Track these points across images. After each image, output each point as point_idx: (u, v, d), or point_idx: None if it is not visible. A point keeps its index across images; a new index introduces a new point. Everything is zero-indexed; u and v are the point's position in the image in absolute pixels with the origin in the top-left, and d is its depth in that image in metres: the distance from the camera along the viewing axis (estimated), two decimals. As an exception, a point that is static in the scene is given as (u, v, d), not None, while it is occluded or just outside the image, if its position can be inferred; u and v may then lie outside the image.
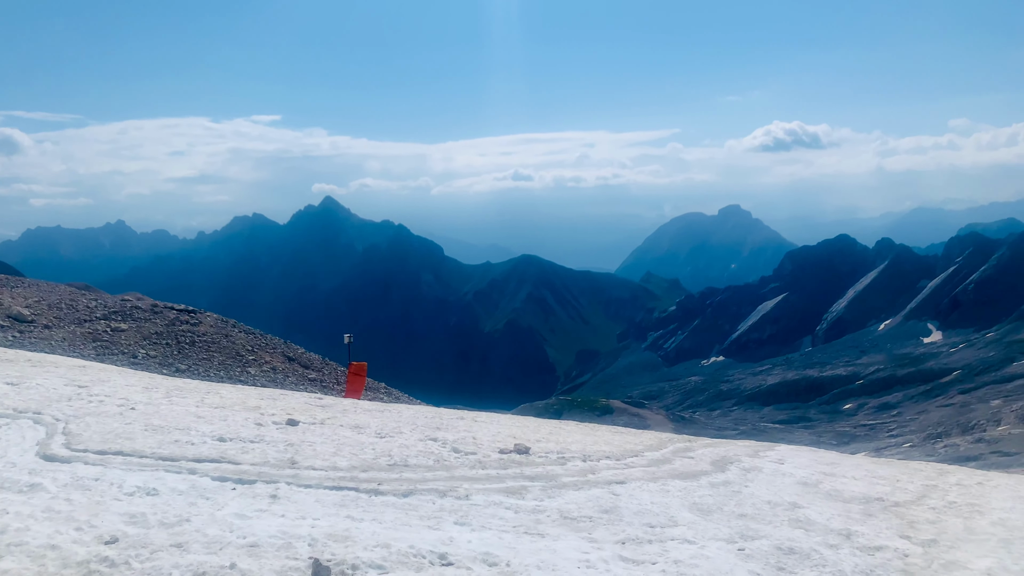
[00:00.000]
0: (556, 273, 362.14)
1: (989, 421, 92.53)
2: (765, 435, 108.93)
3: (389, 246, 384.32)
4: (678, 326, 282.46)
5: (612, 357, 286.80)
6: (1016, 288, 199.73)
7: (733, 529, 7.93)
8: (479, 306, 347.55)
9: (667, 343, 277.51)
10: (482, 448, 11.19)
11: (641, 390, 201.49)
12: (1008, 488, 11.38)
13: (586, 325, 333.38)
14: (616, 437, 14.62)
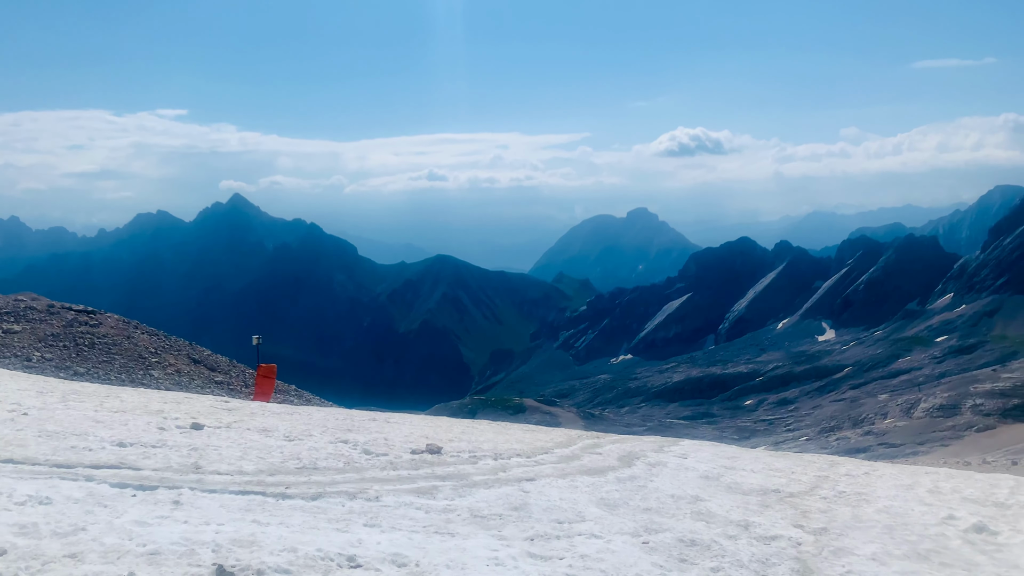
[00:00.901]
0: (471, 273, 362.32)
1: (877, 414, 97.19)
2: (671, 431, 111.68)
3: (301, 245, 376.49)
4: (589, 325, 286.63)
5: (525, 356, 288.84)
6: (901, 288, 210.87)
7: (638, 523, 8.10)
8: (393, 306, 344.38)
9: (578, 342, 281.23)
10: (394, 449, 11.10)
11: (553, 388, 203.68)
12: (892, 477, 12.01)
13: (500, 325, 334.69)
14: (527, 435, 14.74)
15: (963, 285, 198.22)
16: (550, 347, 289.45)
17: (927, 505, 9.98)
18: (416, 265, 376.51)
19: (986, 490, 11.02)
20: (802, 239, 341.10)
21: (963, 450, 66.17)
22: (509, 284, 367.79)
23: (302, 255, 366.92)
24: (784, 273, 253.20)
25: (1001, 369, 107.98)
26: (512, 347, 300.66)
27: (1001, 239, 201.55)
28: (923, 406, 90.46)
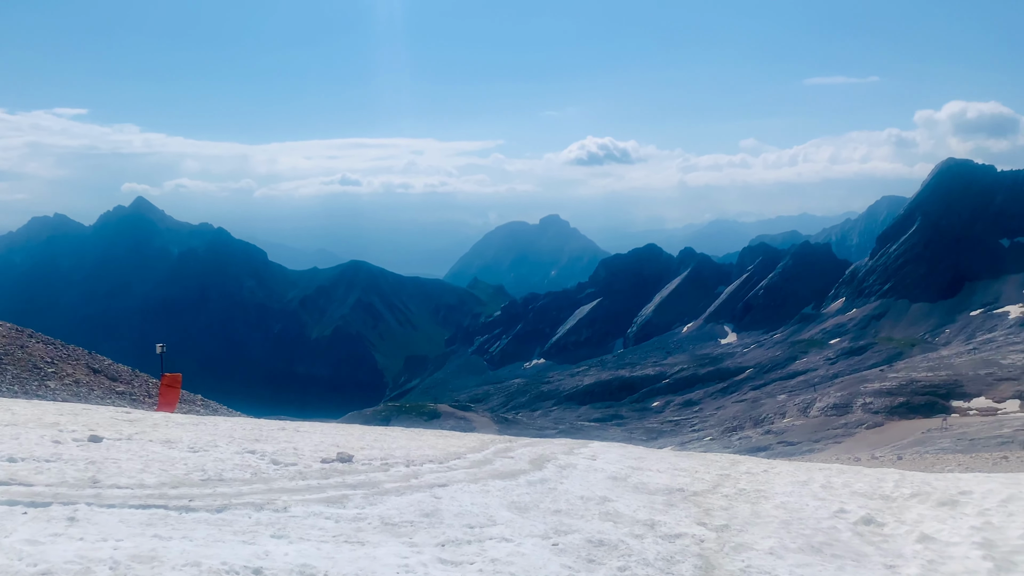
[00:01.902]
0: (385, 279, 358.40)
1: (776, 414, 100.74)
2: (581, 433, 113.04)
3: (208, 250, 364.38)
4: (503, 330, 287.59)
5: (440, 362, 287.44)
6: (798, 293, 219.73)
7: (548, 525, 8.16)
8: (305, 313, 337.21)
9: (492, 347, 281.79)
10: (303, 458, 10.86)
11: (468, 393, 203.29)
12: (789, 474, 12.47)
13: (415, 331, 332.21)
14: (440, 441, 14.66)
15: (853, 290, 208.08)
16: (465, 352, 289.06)
17: (820, 500, 10.40)
18: (329, 271, 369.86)
19: (874, 484, 11.55)
20: (705, 246, 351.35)
21: (854, 446, 69.33)
22: (424, 290, 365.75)
23: (209, 261, 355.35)
24: (689, 279, 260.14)
25: (888, 369, 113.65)
26: (427, 353, 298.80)
27: (887, 247, 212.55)
28: (818, 405, 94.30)
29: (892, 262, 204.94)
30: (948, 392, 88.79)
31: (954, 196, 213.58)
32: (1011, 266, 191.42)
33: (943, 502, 10.14)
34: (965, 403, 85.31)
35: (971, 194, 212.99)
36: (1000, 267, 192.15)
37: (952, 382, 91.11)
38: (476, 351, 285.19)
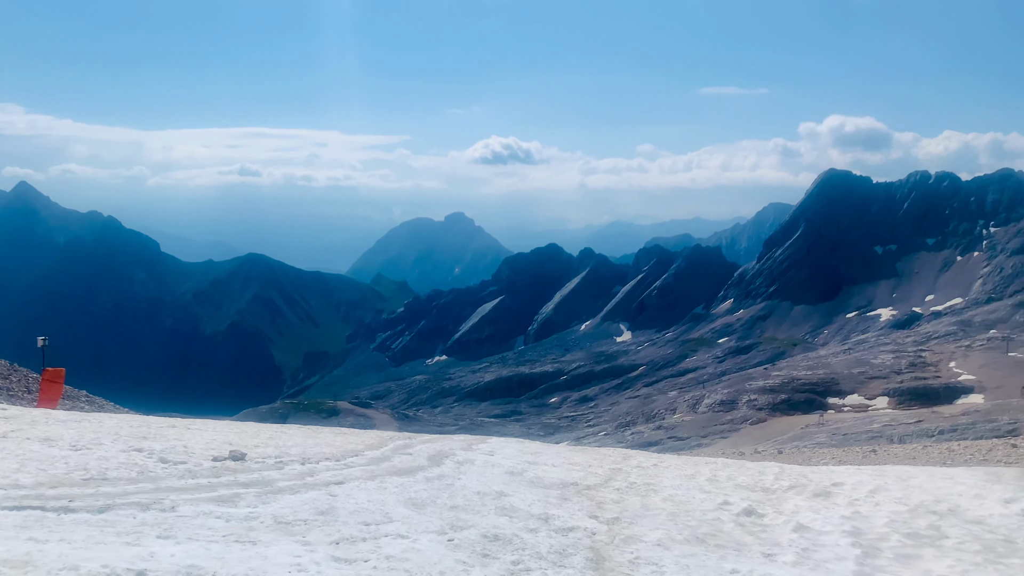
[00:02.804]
0: (284, 273, 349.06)
1: (667, 410, 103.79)
2: (481, 429, 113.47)
3: (96, 240, 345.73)
4: (405, 327, 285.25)
5: (341, 358, 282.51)
6: (689, 294, 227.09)
7: (444, 521, 8.14)
8: (199, 307, 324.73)
9: (395, 344, 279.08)
10: (194, 457, 10.47)
11: (369, 390, 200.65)
12: (677, 468, 12.86)
13: (315, 327, 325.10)
14: (338, 438, 14.41)
15: (741, 292, 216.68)
16: (366, 349, 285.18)
17: (706, 492, 10.77)
18: (225, 264, 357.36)
19: (755, 477, 12.05)
20: (604, 247, 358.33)
21: (739, 441, 72.19)
22: (325, 285, 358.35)
23: (98, 251, 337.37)
24: (587, 278, 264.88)
25: (771, 368, 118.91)
26: (327, 349, 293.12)
27: (773, 251, 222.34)
28: (706, 402, 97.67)
29: (777, 266, 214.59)
30: (825, 390, 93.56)
31: (834, 205, 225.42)
32: (883, 272, 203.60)
33: (817, 493, 10.67)
34: (840, 400, 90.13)
35: (849, 203, 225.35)
36: (873, 273, 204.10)
37: (829, 380, 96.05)
38: (378, 348, 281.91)
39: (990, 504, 9.58)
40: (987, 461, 14.28)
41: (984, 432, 53.57)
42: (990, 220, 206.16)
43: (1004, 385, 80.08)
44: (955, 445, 17.18)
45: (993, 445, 16.46)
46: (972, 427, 57.84)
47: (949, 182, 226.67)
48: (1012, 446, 15.98)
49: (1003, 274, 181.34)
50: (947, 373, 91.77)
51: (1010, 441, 17.06)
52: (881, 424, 67.32)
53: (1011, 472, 11.75)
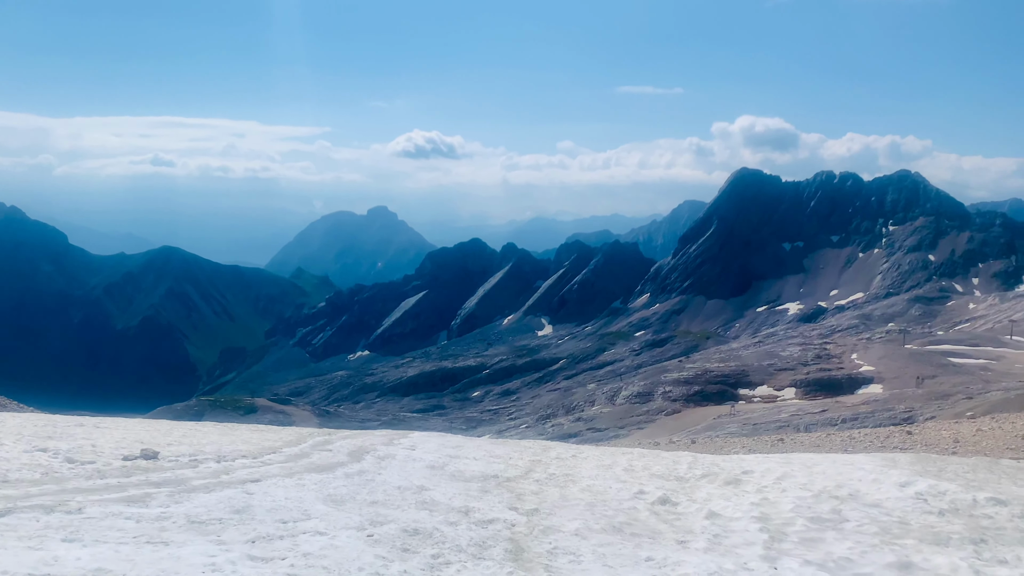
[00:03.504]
0: (200, 267, 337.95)
1: (586, 402, 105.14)
2: (404, 424, 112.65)
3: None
4: (327, 322, 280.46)
5: (259, 354, 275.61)
6: (608, 289, 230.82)
7: (364, 516, 8.05)
8: (110, 301, 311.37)
9: (316, 339, 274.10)
10: (103, 456, 10.06)
11: (288, 386, 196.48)
12: (595, 459, 13.05)
13: (232, 322, 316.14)
14: (255, 435, 14.08)
15: (657, 286, 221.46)
16: (286, 344, 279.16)
17: (622, 482, 10.96)
18: (138, 257, 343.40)
19: (670, 466, 12.33)
20: (526, 242, 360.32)
21: (655, 432, 73.77)
22: (243, 279, 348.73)
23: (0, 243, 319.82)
24: (510, 273, 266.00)
25: (685, 360, 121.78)
26: (245, 345, 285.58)
27: (688, 247, 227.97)
28: (624, 394, 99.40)
29: (691, 261, 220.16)
30: (736, 381, 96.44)
31: (746, 203, 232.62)
32: (790, 268, 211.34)
33: (728, 481, 11.00)
34: (750, 391, 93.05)
35: (760, 202, 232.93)
36: (782, 269, 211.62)
37: (740, 372, 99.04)
38: (298, 343, 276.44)
39: (887, 488, 10.05)
40: (884, 448, 14.99)
41: (882, 420, 56.26)
42: (889, 219, 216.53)
43: (901, 376, 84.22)
44: (856, 433, 17.97)
45: (890, 432, 17.29)
46: (872, 416, 60.64)
47: (852, 182, 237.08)
48: (907, 433, 16.80)
49: (900, 270, 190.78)
50: (849, 365, 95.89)
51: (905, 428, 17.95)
52: (788, 414, 69.87)
53: (906, 457, 12.35)
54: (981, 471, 10.98)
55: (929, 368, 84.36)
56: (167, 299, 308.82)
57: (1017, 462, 11.94)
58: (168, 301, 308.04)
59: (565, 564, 7.02)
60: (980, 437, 14.73)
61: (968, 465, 11.44)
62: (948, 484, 9.99)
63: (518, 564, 6.90)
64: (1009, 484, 10.12)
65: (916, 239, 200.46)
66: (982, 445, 13.99)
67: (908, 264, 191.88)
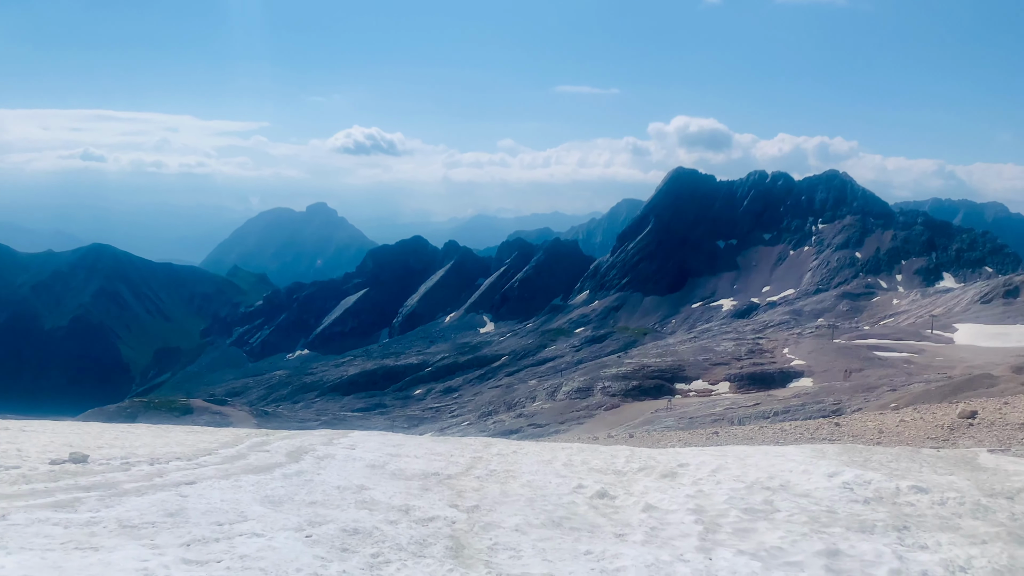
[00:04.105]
0: (133, 265, 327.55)
1: (527, 398, 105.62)
2: (344, 423, 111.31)
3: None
4: (265, 321, 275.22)
5: (195, 354, 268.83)
6: (549, 286, 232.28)
7: (302, 517, 7.93)
8: (38, 300, 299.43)
9: (253, 338, 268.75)
10: (28, 460, 9.68)
11: (225, 387, 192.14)
12: (535, 454, 13.12)
13: (167, 321, 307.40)
14: (190, 437, 13.75)
15: (596, 284, 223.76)
16: (222, 344, 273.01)
17: (562, 477, 11.04)
18: (67, 255, 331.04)
19: (608, 460, 12.47)
20: (468, 239, 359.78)
21: (594, 427, 74.53)
22: (178, 277, 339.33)
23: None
24: (452, 270, 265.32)
25: (624, 355, 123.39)
26: (180, 345, 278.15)
27: (626, 245, 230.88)
28: (564, 389, 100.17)
29: (629, 259, 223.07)
30: (673, 376, 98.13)
31: (681, 201, 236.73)
32: (724, 265, 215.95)
33: (665, 474, 11.18)
34: (686, 386, 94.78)
35: (695, 200, 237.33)
36: (716, 266, 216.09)
37: (676, 367, 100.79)
38: (235, 342, 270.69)
39: (816, 478, 10.36)
40: (814, 439, 15.43)
41: (812, 412, 57.95)
42: (818, 217, 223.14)
43: (830, 369, 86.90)
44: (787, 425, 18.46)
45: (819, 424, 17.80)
46: (802, 408, 62.40)
47: (783, 181, 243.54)
48: (835, 425, 17.31)
49: (829, 267, 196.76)
50: (781, 359, 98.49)
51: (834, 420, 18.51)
52: (723, 407, 71.39)
53: (834, 448, 12.74)
54: (904, 460, 11.39)
55: (856, 362, 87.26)
56: (98, 298, 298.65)
57: (937, 451, 12.43)
58: (99, 300, 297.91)
59: (505, 559, 7.03)
60: (903, 428, 15.28)
61: (892, 455, 11.85)
62: (873, 474, 10.35)
63: (458, 561, 6.89)
64: (930, 472, 10.52)
65: (844, 237, 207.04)
66: (905, 435, 14.51)
67: (836, 261, 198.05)
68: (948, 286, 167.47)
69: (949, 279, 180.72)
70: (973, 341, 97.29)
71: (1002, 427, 13.71)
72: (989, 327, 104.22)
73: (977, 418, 14.75)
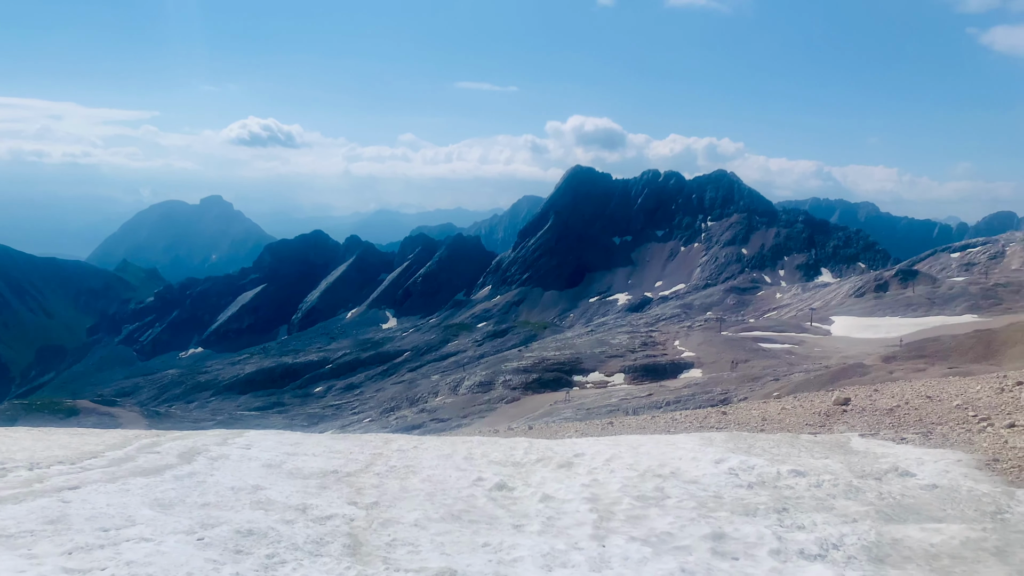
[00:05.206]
0: (12, 259, 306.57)
1: (430, 393, 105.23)
2: (241, 423, 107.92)
3: None
4: (156, 318, 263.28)
5: (81, 353, 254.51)
6: (452, 281, 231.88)
7: (194, 520, 7.63)
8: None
9: (144, 336, 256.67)
10: None
11: (114, 387, 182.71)
12: (435, 448, 13.06)
13: (50, 319, 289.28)
14: (75, 440, 13.01)
15: (498, 279, 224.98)
16: (111, 342, 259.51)
17: (462, 471, 11.04)
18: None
19: (507, 452, 12.55)
20: (370, 235, 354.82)
21: (496, 420, 74.99)
22: (62, 273, 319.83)
23: None
24: (353, 266, 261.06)
25: (524, 349, 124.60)
26: (64, 343, 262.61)
27: (526, 241, 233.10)
28: (467, 384, 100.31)
29: (530, 255, 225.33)
30: (571, 368, 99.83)
31: (579, 199, 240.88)
32: (620, 261, 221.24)
33: (562, 464, 11.34)
34: (584, 378, 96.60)
35: (592, 198, 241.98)
36: (612, 261, 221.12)
37: (574, 360, 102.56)
38: (124, 341, 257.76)
39: (703, 465, 10.74)
40: (703, 427, 15.96)
41: (702, 402, 60.16)
42: (708, 215, 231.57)
43: (718, 360, 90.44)
44: (678, 414, 19.05)
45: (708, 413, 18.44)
46: (692, 398, 64.70)
47: (675, 180, 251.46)
48: (723, 413, 17.96)
49: (717, 263, 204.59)
50: (672, 351, 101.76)
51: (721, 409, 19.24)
52: (618, 398, 73.20)
53: (721, 436, 13.24)
54: (784, 446, 11.96)
55: (742, 353, 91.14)
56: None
57: (814, 436, 13.07)
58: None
59: (403, 555, 6.98)
60: (784, 415, 15.99)
61: (773, 441, 12.41)
62: (756, 459, 10.81)
63: (356, 558, 6.79)
64: (808, 457, 11.08)
65: (731, 234, 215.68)
66: (786, 422, 15.20)
67: (724, 257, 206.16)
68: (826, 281, 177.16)
69: (827, 274, 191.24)
70: (848, 333, 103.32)
71: (872, 413, 14.57)
72: (862, 319, 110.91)
73: (850, 405, 15.63)
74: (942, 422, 12.92)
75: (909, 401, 15.13)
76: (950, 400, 14.57)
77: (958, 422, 12.72)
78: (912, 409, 14.31)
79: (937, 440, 11.78)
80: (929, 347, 66.79)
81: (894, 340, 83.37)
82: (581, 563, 6.86)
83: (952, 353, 62.12)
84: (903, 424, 13.27)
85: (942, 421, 12.99)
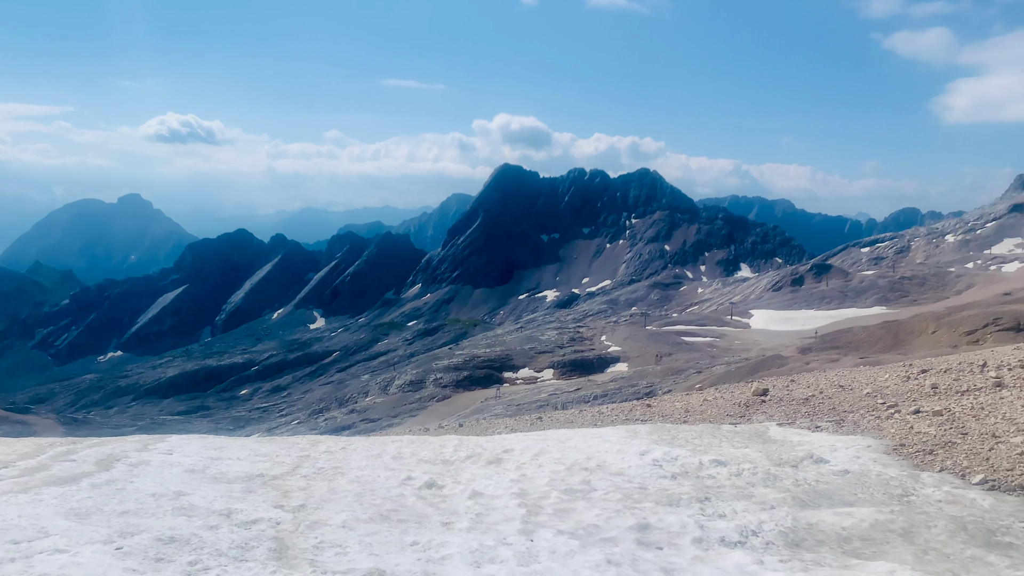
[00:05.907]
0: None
1: (360, 393, 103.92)
2: (164, 428, 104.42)
3: None
4: (72, 321, 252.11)
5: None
6: (381, 280, 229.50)
7: (112, 528, 7.35)
8: None
9: (59, 340, 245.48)
10: None
11: (28, 393, 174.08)
12: (364, 449, 12.91)
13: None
14: (-19, 449, 12.33)
15: (428, 277, 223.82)
16: (24, 347, 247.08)
17: (391, 470, 10.94)
18: None
19: (437, 450, 12.50)
20: (296, 233, 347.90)
21: (426, 418, 74.60)
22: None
23: None
24: (279, 265, 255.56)
25: (455, 347, 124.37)
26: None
27: (456, 239, 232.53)
28: (397, 383, 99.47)
29: (460, 252, 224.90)
30: (502, 365, 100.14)
31: (508, 197, 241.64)
32: (548, 258, 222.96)
33: (491, 460, 11.37)
34: (514, 374, 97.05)
35: (520, 196, 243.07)
36: (540, 259, 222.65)
37: (505, 357, 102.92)
38: (38, 345, 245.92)
39: (629, 457, 10.93)
40: (628, 420, 16.22)
41: (628, 395, 61.21)
42: (632, 213, 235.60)
43: (643, 354, 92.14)
44: (605, 408, 19.33)
45: (633, 406, 18.75)
46: (619, 391, 65.76)
47: (600, 179, 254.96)
48: (647, 406, 18.29)
49: (641, 259, 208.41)
50: (599, 346, 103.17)
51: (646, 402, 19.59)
52: (547, 393, 73.83)
53: (646, 428, 13.50)
54: (706, 436, 12.27)
55: (666, 347, 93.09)
56: None
57: (735, 426, 13.45)
58: None
59: (331, 557, 6.89)
60: (706, 406, 16.38)
61: (696, 432, 12.72)
62: (679, 450, 11.07)
63: (282, 562, 6.67)
64: (728, 447, 11.40)
65: (654, 231, 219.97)
66: (708, 413, 15.57)
67: (648, 253, 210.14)
68: (745, 275, 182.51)
69: (746, 269, 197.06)
70: (766, 326, 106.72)
71: (789, 403, 15.09)
72: (779, 312, 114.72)
73: (768, 395, 16.14)
74: (853, 410, 13.48)
75: (823, 390, 15.74)
76: (861, 389, 15.22)
77: (868, 409, 13.30)
78: (826, 398, 14.89)
79: (849, 427, 12.29)
80: (842, 338, 69.60)
81: (810, 332, 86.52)
82: (509, 558, 6.90)
83: (863, 344, 64.89)
84: (818, 412, 13.79)
85: (853, 409, 13.55)
